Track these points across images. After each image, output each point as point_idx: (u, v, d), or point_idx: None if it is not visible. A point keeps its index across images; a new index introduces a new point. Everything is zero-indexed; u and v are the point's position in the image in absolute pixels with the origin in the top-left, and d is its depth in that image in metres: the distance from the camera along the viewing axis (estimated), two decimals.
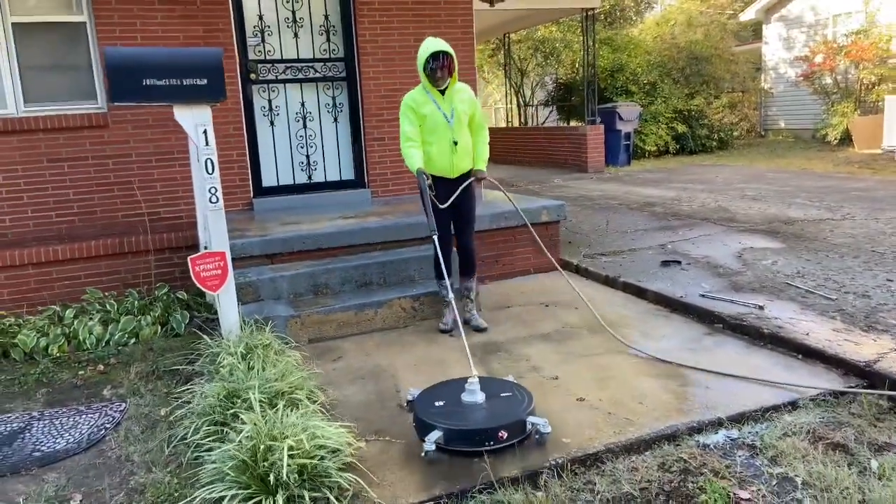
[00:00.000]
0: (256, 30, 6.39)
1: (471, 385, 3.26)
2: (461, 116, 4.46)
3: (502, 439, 2.98)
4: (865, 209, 7.66)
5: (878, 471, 2.76)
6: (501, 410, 3.14)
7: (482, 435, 2.99)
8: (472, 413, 3.16)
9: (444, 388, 3.44)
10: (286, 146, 6.67)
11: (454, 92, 4.43)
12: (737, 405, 3.32)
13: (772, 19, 18.64)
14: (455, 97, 4.43)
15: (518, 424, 3.04)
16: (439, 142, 4.44)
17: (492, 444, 2.98)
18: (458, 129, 4.46)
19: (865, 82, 15.06)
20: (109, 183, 5.89)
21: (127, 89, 3.72)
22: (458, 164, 4.52)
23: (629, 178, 12.19)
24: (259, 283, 4.78)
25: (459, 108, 4.43)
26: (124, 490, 2.97)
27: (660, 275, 5.49)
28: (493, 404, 3.21)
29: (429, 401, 3.29)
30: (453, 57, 4.29)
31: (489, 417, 3.10)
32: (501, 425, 3.00)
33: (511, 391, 3.33)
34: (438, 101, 4.40)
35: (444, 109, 4.40)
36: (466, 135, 4.52)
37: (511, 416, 3.06)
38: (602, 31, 17.28)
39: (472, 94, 4.57)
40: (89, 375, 4.27)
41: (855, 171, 11.46)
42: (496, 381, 3.49)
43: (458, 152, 4.47)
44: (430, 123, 4.42)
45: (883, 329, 4.00)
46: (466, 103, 4.48)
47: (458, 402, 3.24)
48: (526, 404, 3.17)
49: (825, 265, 5.43)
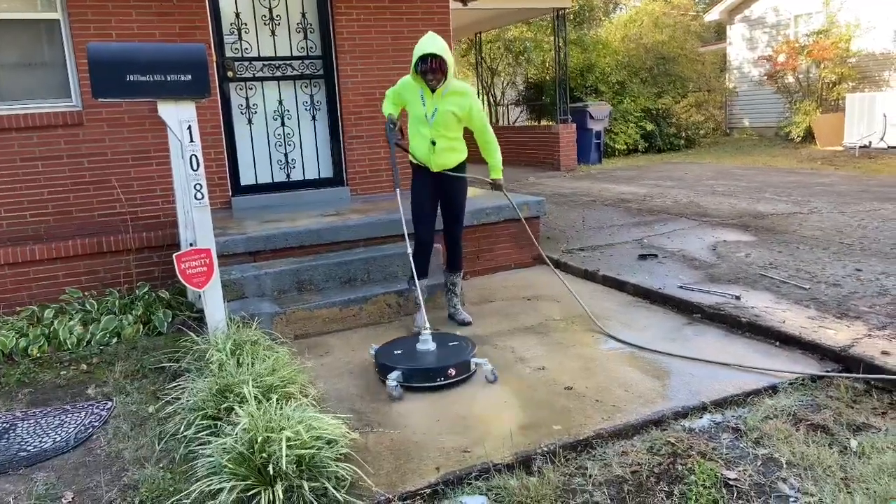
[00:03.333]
0: (233, 27, 6.36)
1: (423, 336, 3.94)
2: (446, 118, 4.33)
3: (451, 375, 3.65)
4: (831, 203, 7.90)
5: (858, 449, 2.87)
6: (450, 354, 3.82)
7: (435, 372, 3.66)
8: (426, 356, 3.83)
9: (401, 342, 4.13)
10: (264, 144, 6.65)
11: (449, 93, 4.31)
12: (720, 390, 3.42)
13: (735, 20, 19.04)
14: (447, 98, 4.31)
15: (464, 364, 3.72)
16: (418, 136, 4.46)
17: (442, 379, 3.64)
18: (438, 130, 4.37)
19: (827, 81, 15.46)
20: (85, 182, 5.81)
21: (110, 85, 3.68)
22: (437, 161, 4.47)
23: (601, 175, 12.37)
24: (243, 280, 4.77)
25: (446, 109, 4.31)
26: (117, 486, 2.96)
27: (638, 268, 5.60)
28: (443, 350, 3.88)
29: (389, 350, 3.97)
30: (444, 60, 4.15)
31: (440, 359, 3.78)
32: (450, 364, 3.67)
33: (458, 341, 4.02)
34: (426, 97, 4.33)
35: (427, 107, 4.34)
36: (452, 135, 4.42)
37: (458, 358, 3.74)
38: (571, 32, 17.47)
39: (469, 99, 4.38)
40: (72, 375, 4.22)
41: (818, 168, 11.79)
42: (446, 335, 4.19)
43: (436, 152, 4.43)
44: (412, 115, 4.45)
45: (855, 316, 4.15)
46: (458, 107, 4.33)
47: (414, 350, 3.91)
48: (470, 349, 3.85)
49: (796, 256, 5.59)
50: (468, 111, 4.38)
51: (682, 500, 2.61)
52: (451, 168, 4.54)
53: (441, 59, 4.14)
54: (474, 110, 4.41)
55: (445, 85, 4.28)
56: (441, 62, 4.15)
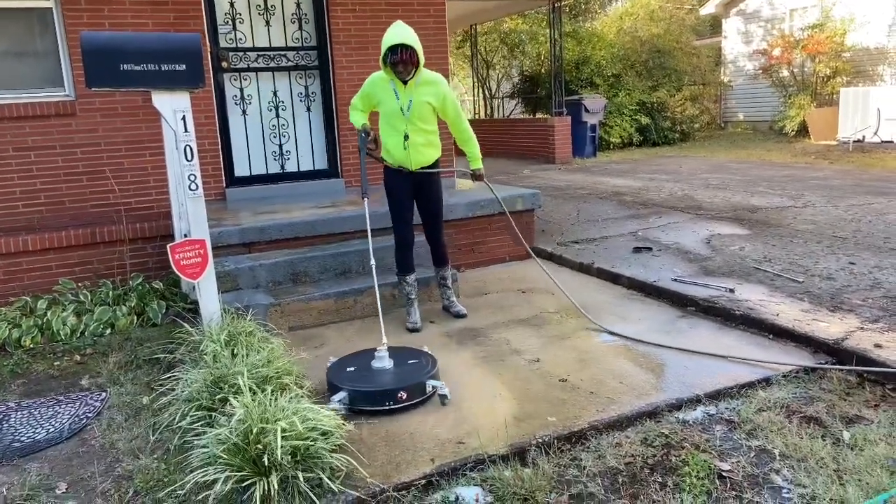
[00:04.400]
0: (227, 17, 6.32)
1: (379, 352, 3.60)
2: (421, 109, 4.26)
3: (401, 399, 3.29)
4: (825, 197, 7.92)
5: (851, 441, 2.89)
6: (404, 374, 3.47)
7: (383, 395, 3.30)
8: (378, 376, 3.48)
9: (359, 357, 3.77)
10: (258, 135, 6.62)
11: (421, 84, 4.23)
12: (713, 383, 3.44)
13: (730, 14, 19.03)
14: (420, 89, 4.23)
15: (418, 386, 3.36)
16: (394, 133, 4.33)
17: (391, 403, 3.29)
18: (414, 123, 4.28)
19: (821, 75, 15.48)
20: (78, 172, 5.77)
21: (103, 74, 3.65)
22: (416, 157, 4.37)
23: (596, 168, 12.37)
24: (237, 271, 4.75)
25: (420, 101, 4.23)
26: (111, 477, 2.95)
27: (632, 261, 5.61)
28: (399, 370, 3.53)
29: (342, 366, 3.64)
30: (415, 50, 4.04)
31: (392, 380, 3.41)
32: (401, 387, 3.31)
33: (418, 359, 3.66)
34: (399, 90, 4.23)
35: (401, 101, 4.24)
36: (427, 128, 4.35)
37: (412, 379, 3.38)
38: (567, 24, 17.44)
39: (442, 87, 4.31)
40: (66, 366, 4.21)
41: (812, 162, 11.82)
42: (408, 351, 3.83)
43: (413, 145, 4.33)
44: (386, 112, 4.30)
45: (848, 309, 4.16)
46: (433, 96, 4.26)
47: (368, 368, 3.57)
48: (429, 369, 3.49)
49: (790, 250, 5.61)
50: (442, 100, 4.31)
51: (675, 491, 2.62)
52: (429, 165, 4.46)
53: (412, 50, 4.04)
54: (448, 98, 4.34)
55: (417, 76, 4.20)
56: (412, 53, 4.05)
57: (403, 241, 4.55)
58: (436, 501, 2.67)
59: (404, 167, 4.41)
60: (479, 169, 4.61)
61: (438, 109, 4.35)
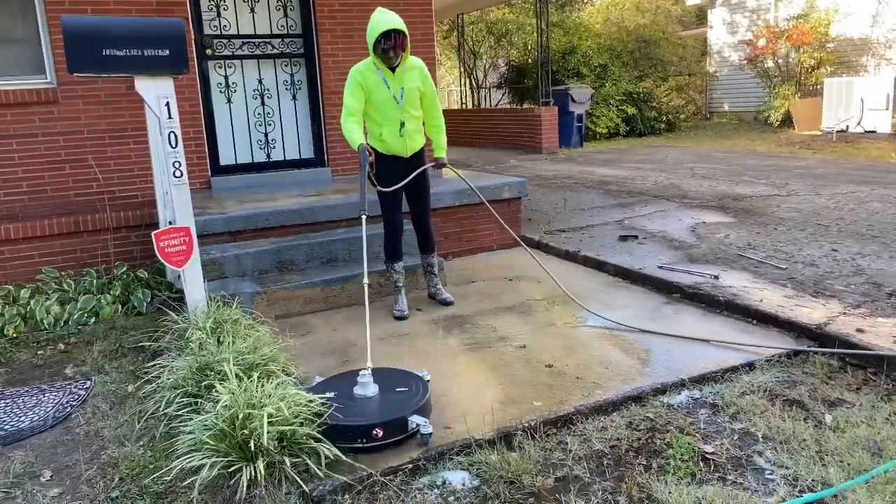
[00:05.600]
0: (212, 4, 6.26)
1: (362, 378, 3.10)
2: (413, 94, 4.28)
3: (377, 437, 2.82)
4: (808, 186, 7.99)
5: (833, 424, 2.93)
6: (385, 407, 2.98)
7: (355, 432, 2.83)
8: (354, 408, 2.98)
9: (344, 379, 3.28)
10: (244, 124, 6.58)
11: (406, 69, 4.23)
12: (698, 367, 3.47)
13: (716, 4, 19.08)
14: (407, 75, 4.23)
15: (397, 423, 2.86)
16: (389, 123, 4.29)
17: (365, 441, 2.82)
18: (408, 110, 4.30)
19: (805, 65, 15.58)
20: (60, 161, 5.71)
21: (85, 59, 3.61)
22: (410, 144, 4.40)
23: (583, 158, 12.40)
24: (223, 259, 4.73)
25: (410, 87, 4.25)
26: (97, 464, 2.94)
27: (618, 249, 5.64)
28: (382, 399, 3.07)
29: (320, 391, 3.06)
30: (406, 34, 4.07)
31: (368, 413, 2.93)
32: (377, 423, 2.83)
33: (408, 385, 3.17)
34: (388, 79, 4.20)
35: (393, 89, 4.22)
36: (417, 114, 4.37)
37: (391, 414, 2.89)
38: (554, 14, 17.43)
39: (424, 70, 4.33)
40: (50, 355, 4.17)
41: (796, 151, 11.91)
42: (399, 374, 3.32)
43: (407, 133, 4.35)
44: (378, 102, 4.25)
45: (831, 295, 4.21)
46: (419, 80, 4.29)
47: (349, 396, 3.07)
48: (417, 400, 3.00)
49: (774, 237, 5.66)
50: (425, 83, 4.35)
51: (660, 473, 2.65)
52: (418, 151, 4.48)
53: (403, 34, 4.05)
54: (428, 81, 4.38)
55: (404, 62, 4.21)
56: (404, 38, 4.07)
57: (393, 228, 4.52)
58: (423, 485, 2.68)
59: (399, 155, 4.41)
60: (441, 158, 4.57)
61: (421, 92, 4.37)
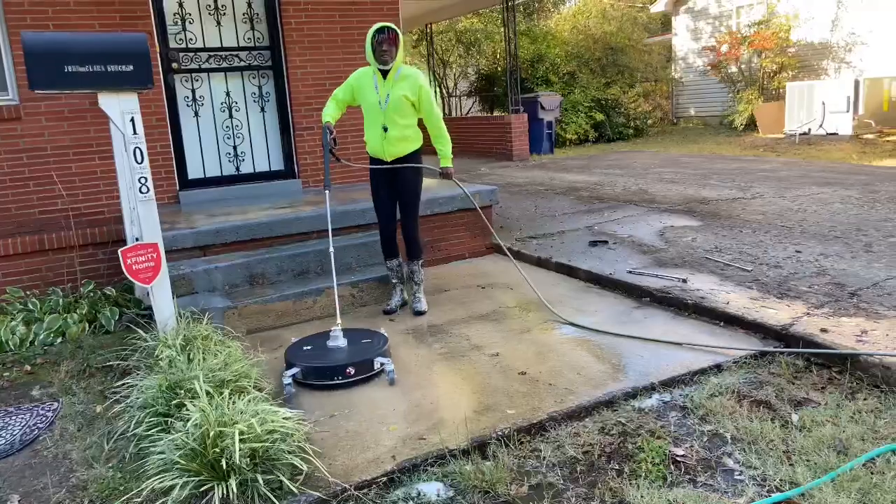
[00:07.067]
0: (177, 17, 6.22)
1: (334, 333, 3.87)
2: (398, 103, 4.40)
3: (350, 375, 3.57)
4: (773, 188, 8.15)
5: (799, 423, 2.99)
6: (354, 352, 3.73)
7: (332, 371, 3.57)
8: (330, 354, 3.74)
9: (317, 337, 4.03)
10: (212, 137, 6.53)
11: (398, 78, 4.40)
12: (667, 370, 3.52)
13: (680, 11, 19.42)
14: (398, 83, 4.40)
15: (366, 363, 3.62)
16: (373, 125, 4.52)
17: (340, 378, 3.56)
18: (391, 116, 4.43)
19: (768, 70, 15.92)
20: (24, 178, 5.62)
21: (47, 77, 3.56)
22: (390, 149, 4.52)
23: (553, 165, 12.50)
24: (193, 275, 4.68)
25: (397, 94, 4.39)
26: (65, 487, 2.88)
27: (589, 254, 5.69)
28: (351, 348, 3.79)
29: (299, 346, 3.92)
30: (398, 33, 4.32)
31: (342, 357, 3.67)
32: (350, 363, 3.59)
33: (371, 338, 3.92)
34: (379, 84, 4.42)
35: (380, 93, 4.42)
36: (405, 122, 4.47)
37: (360, 356, 3.65)
38: (521, 23, 17.59)
39: (419, 81, 4.45)
40: (16, 377, 4.09)
41: (761, 154, 12.15)
42: (363, 332, 4.09)
43: (388, 138, 4.48)
44: (366, 105, 4.49)
45: (795, 296, 4.30)
46: (413, 89, 4.41)
47: (323, 347, 3.83)
48: (378, 347, 3.74)
49: (740, 240, 5.76)
50: (418, 93, 4.44)
51: (632, 477, 2.68)
52: (403, 157, 4.58)
53: (395, 31, 4.30)
54: (423, 92, 4.47)
55: (396, 69, 4.38)
56: (395, 33, 4.30)
57: (382, 230, 4.76)
58: (397, 498, 2.67)
59: (380, 158, 4.58)
60: (447, 168, 4.69)
61: (415, 104, 4.47)
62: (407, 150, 4.58)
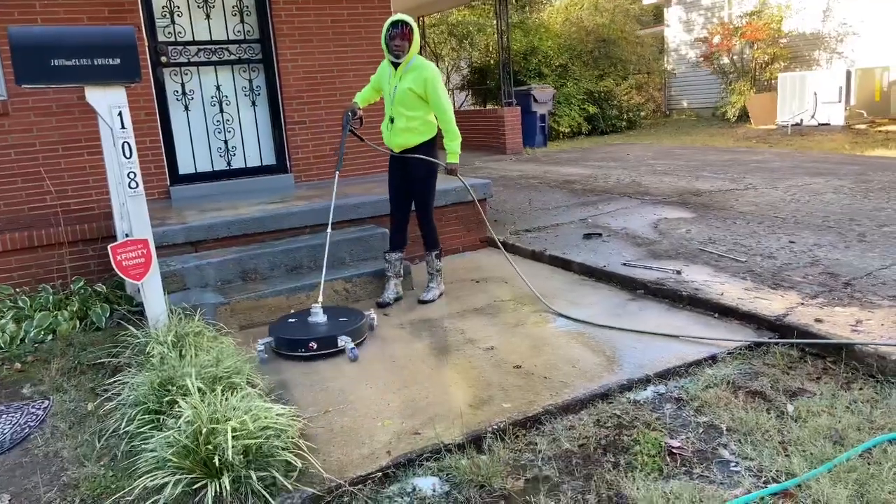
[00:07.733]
0: (165, 10, 6.15)
1: (314, 309, 4.13)
2: (405, 95, 4.45)
3: (312, 349, 3.84)
4: (765, 179, 8.15)
5: (794, 413, 2.98)
6: (324, 329, 3.97)
7: (297, 343, 3.87)
8: (303, 329, 4.00)
9: (304, 313, 4.23)
10: (202, 132, 6.47)
11: (409, 69, 4.44)
12: (662, 362, 3.51)
13: (672, 2, 19.39)
14: (407, 75, 4.44)
15: (328, 339, 3.87)
16: (385, 116, 4.65)
17: (303, 351, 3.85)
18: (397, 107, 4.51)
19: (760, 61, 15.91)
20: (12, 174, 5.56)
21: (34, 71, 3.51)
22: (395, 140, 4.61)
23: (546, 158, 12.48)
24: (184, 271, 4.64)
25: (404, 87, 4.44)
26: (56, 486, 2.86)
27: (583, 247, 5.68)
28: (326, 323, 4.04)
29: (285, 318, 4.21)
30: (412, 27, 4.34)
31: (310, 332, 3.92)
32: (312, 338, 3.85)
33: (349, 317, 4.15)
34: (392, 75, 4.51)
35: (391, 84, 4.52)
36: (411, 114, 4.49)
37: (325, 333, 3.90)
38: (513, 15, 17.52)
39: (428, 73, 4.43)
40: (6, 375, 4.05)
41: (753, 146, 12.15)
42: (346, 310, 4.33)
43: (394, 129, 4.57)
44: (384, 95, 4.67)
45: (789, 286, 4.30)
46: (417, 82, 4.42)
47: (304, 322, 4.08)
48: (349, 325, 3.98)
49: (733, 231, 5.76)
50: (423, 85, 4.43)
51: (627, 469, 2.67)
52: (410, 149, 4.61)
53: (408, 25, 4.32)
54: (429, 84, 4.44)
55: (407, 62, 4.42)
56: (408, 27, 4.32)
57: (391, 219, 4.85)
58: (393, 493, 2.66)
59: (391, 149, 4.70)
60: (451, 164, 4.69)
61: (422, 96, 4.47)
62: (413, 143, 4.58)
